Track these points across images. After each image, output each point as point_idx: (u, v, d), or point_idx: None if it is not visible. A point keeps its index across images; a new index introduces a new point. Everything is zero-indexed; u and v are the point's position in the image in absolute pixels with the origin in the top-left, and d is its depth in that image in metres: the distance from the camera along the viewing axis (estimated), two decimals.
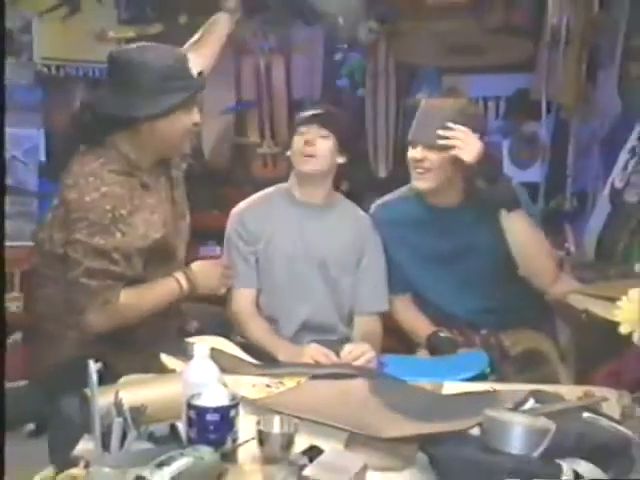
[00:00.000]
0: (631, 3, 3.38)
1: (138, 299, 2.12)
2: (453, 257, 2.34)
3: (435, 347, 2.30)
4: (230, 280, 2.33)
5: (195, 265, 2.24)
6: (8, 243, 3.69)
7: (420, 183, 2.29)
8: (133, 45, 2.17)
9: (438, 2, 3.60)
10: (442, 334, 2.31)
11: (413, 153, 2.26)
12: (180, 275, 2.18)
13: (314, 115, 2.33)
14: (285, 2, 3.56)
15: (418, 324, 2.40)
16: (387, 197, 2.49)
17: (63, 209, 2.10)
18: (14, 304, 3.69)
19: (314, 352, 2.19)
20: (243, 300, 2.37)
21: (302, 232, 2.36)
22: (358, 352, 2.16)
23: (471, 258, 2.34)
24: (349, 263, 2.40)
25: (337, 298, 2.40)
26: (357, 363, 2.13)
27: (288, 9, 3.58)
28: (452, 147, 2.19)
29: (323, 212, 2.39)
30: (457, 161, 2.21)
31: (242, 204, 2.45)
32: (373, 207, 2.49)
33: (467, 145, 2.18)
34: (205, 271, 2.24)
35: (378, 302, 2.41)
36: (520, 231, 2.22)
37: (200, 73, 2.16)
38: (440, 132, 2.19)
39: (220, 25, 2.51)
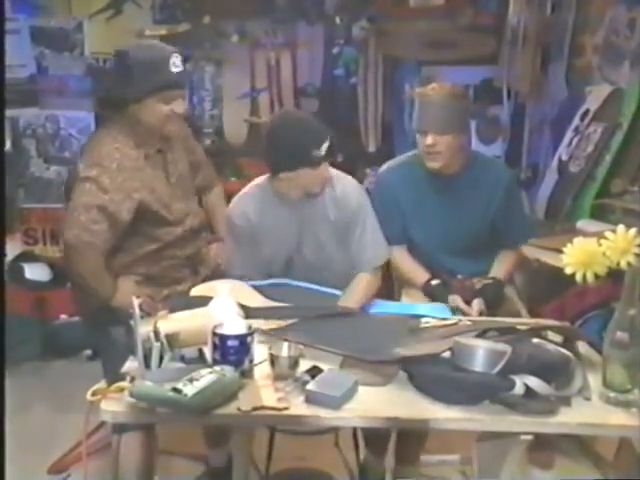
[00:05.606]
0: (577, 7, 3.34)
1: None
2: (444, 216, 2.26)
3: (430, 294, 2.23)
4: None
5: None
6: None
7: (432, 164, 2.19)
8: (136, 44, 2.14)
9: (418, 6, 3.59)
10: (434, 282, 2.23)
11: (425, 140, 2.15)
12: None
13: (325, 155, 2.08)
14: (291, 5, 3.57)
15: (415, 272, 2.30)
16: (392, 161, 2.39)
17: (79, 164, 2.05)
18: None
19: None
20: None
21: None
22: None
23: (459, 218, 2.26)
24: (353, 222, 2.19)
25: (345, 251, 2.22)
26: None
27: (294, 11, 3.59)
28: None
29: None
30: (462, 144, 2.17)
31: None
32: (381, 169, 2.39)
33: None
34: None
35: (377, 258, 2.22)
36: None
37: (186, 72, 2.11)
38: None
39: None
